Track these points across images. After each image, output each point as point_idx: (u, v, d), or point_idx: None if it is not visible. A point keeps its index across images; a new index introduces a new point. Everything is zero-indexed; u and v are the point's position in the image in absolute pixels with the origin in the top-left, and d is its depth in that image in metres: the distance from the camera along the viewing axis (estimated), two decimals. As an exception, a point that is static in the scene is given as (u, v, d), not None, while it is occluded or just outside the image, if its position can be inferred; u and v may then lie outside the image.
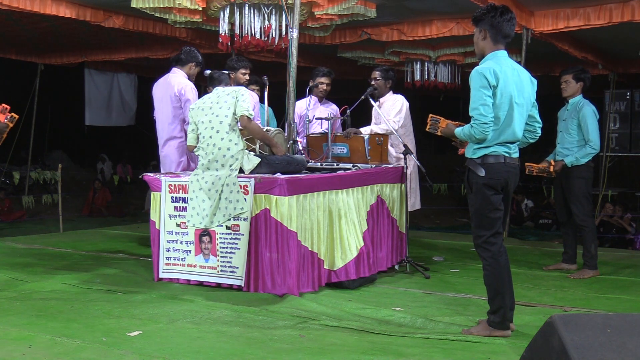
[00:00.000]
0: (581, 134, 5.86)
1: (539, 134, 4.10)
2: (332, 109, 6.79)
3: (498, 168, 3.82)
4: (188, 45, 6.42)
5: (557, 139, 6.08)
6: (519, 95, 3.84)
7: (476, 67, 3.82)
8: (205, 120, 5.10)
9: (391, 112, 6.29)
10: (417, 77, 10.09)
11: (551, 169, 5.93)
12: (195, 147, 5.24)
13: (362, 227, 5.41)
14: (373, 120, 6.58)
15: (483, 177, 3.80)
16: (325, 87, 6.68)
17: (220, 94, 5.15)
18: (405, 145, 5.83)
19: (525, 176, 5.40)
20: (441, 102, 14.96)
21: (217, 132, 5.03)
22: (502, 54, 3.88)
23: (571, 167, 5.85)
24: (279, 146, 5.31)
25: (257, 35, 6.68)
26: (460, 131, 3.93)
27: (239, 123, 5.06)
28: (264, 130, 5.41)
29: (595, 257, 5.82)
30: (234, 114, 5.01)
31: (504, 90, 3.76)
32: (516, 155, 3.94)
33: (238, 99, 5.03)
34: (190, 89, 5.85)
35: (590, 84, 6.05)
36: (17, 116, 5.03)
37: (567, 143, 5.92)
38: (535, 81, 4.02)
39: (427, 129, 4.33)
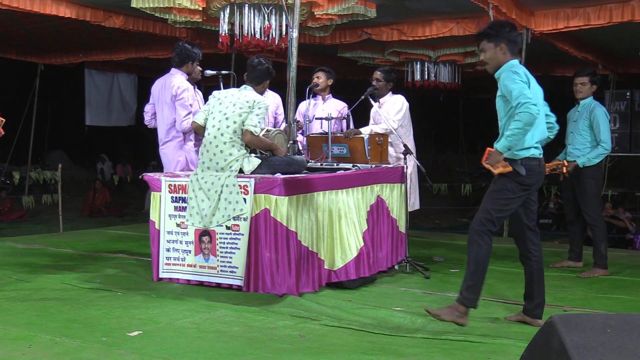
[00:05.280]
0: (592, 134, 5.91)
1: (558, 127, 4.31)
2: (338, 105, 6.75)
3: (535, 169, 4.03)
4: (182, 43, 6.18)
5: (567, 139, 6.11)
6: (539, 97, 4.07)
7: (509, 69, 3.99)
8: (216, 117, 5.08)
9: (391, 111, 6.29)
10: (417, 77, 10.09)
11: (564, 169, 5.96)
12: (199, 126, 5.24)
13: (362, 227, 5.41)
14: (371, 121, 6.57)
15: (523, 176, 3.96)
16: (316, 81, 6.62)
17: (241, 97, 5.09)
18: (405, 145, 5.83)
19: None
20: (441, 102, 14.96)
21: (222, 134, 5.01)
22: (517, 62, 4.09)
23: (583, 167, 5.88)
24: (279, 148, 5.31)
25: (257, 35, 6.68)
26: (503, 140, 3.86)
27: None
28: (265, 130, 5.40)
29: (605, 257, 5.84)
30: (243, 122, 5.01)
31: (532, 89, 3.97)
32: (541, 154, 4.14)
33: (252, 111, 5.01)
34: (182, 89, 5.72)
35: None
36: (4, 119, 4.99)
37: (578, 144, 5.96)
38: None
39: (483, 162, 4.08)
